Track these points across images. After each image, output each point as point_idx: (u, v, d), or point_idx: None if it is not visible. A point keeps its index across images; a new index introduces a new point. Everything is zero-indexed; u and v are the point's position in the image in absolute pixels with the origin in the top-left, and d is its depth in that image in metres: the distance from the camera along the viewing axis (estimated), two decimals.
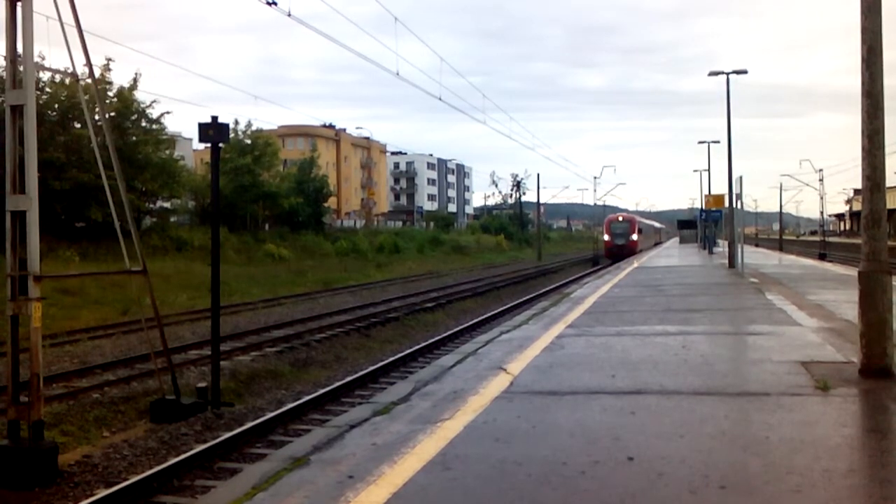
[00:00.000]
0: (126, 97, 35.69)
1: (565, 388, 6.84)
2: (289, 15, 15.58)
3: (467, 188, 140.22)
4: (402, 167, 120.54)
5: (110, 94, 34.77)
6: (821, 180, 68.98)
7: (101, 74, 33.26)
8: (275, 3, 14.43)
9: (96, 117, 17.05)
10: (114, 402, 11.50)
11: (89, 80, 13.61)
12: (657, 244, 78.47)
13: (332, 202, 67.96)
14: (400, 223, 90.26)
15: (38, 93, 30.02)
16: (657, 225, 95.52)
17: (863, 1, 7.01)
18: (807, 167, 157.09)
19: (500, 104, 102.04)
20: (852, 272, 14.79)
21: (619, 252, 53.36)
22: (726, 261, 27.66)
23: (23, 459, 8.27)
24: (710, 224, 46.53)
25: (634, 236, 57.98)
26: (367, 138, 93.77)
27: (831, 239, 77.94)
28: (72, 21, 9.70)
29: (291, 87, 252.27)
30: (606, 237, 58.83)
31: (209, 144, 11.78)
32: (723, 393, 6.51)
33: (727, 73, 28.91)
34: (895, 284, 7.06)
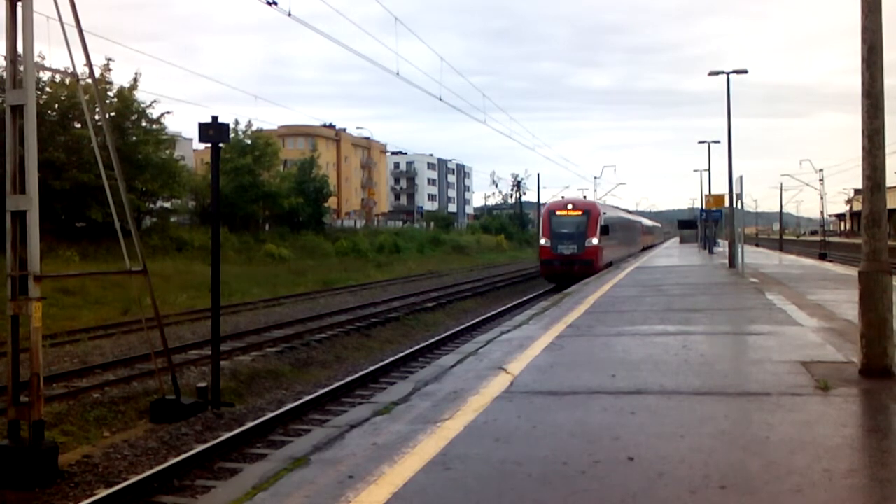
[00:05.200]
0: (126, 97, 35.70)
1: (566, 388, 6.84)
2: (289, 15, 15.58)
3: (467, 188, 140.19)
4: (403, 167, 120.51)
5: (110, 94, 34.78)
6: (821, 180, 69.14)
7: (102, 74, 33.29)
8: (275, 3, 14.43)
9: (96, 117, 17.06)
10: (114, 402, 11.50)
11: (89, 80, 13.62)
12: (648, 249, 59.13)
13: (332, 202, 67.95)
14: (400, 223, 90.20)
15: (39, 93, 30.04)
16: (646, 222, 70.12)
17: (863, 0, 7.01)
18: (807, 167, 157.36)
19: (505, 104, 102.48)
20: (853, 272, 14.78)
21: (566, 269, 31.20)
22: (726, 261, 27.66)
23: (23, 459, 8.27)
24: (710, 224, 46.53)
25: (594, 240, 32.51)
26: (368, 138, 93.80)
27: (832, 239, 77.96)
28: (72, 21, 9.71)
29: (295, 86, 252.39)
30: (544, 241, 33.29)
31: (209, 144, 11.79)
32: (723, 393, 6.51)
33: (727, 73, 28.92)
34: (895, 284, 7.06)
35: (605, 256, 33.80)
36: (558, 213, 33.80)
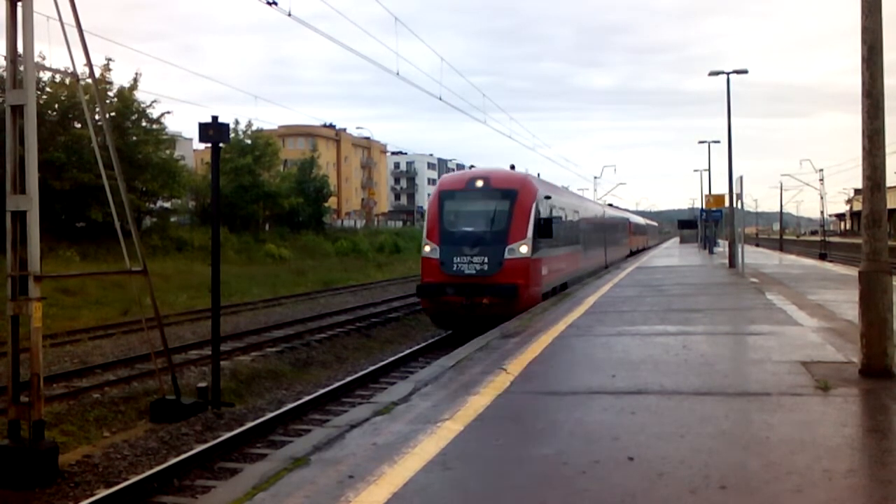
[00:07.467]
0: (126, 97, 35.70)
1: (565, 388, 6.84)
2: (289, 15, 15.57)
3: None
4: (403, 167, 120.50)
5: (110, 94, 34.78)
6: (821, 180, 69.05)
7: (102, 74, 33.28)
8: (275, 3, 14.42)
9: (96, 117, 17.06)
10: (114, 402, 11.50)
11: (89, 80, 13.62)
12: (640, 252, 49.45)
13: (332, 202, 67.96)
14: (400, 223, 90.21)
15: (39, 93, 30.03)
16: (636, 219, 57.08)
17: (863, 1, 7.01)
18: (807, 167, 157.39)
19: (507, 104, 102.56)
20: (853, 272, 14.78)
21: (466, 303, 16.12)
22: (727, 261, 27.66)
23: (23, 459, 8.26)
24: (710, 224, 46.53)
25: (522, 247, 16.46)
26: (368, 138, 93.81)
27: (832, 239, 77.88)
28: (72, 21, 9.71)
29: (295, 86, 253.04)
30: (428, 248, 16.87)
31: (209, 144, 11.78)
32: (723, 393, 6.51)
33: (727, 73, 28.90)
34: (895, 284, 7.06)
35: (550, 276, 18.70)
36: (457, 195, 17.84)
